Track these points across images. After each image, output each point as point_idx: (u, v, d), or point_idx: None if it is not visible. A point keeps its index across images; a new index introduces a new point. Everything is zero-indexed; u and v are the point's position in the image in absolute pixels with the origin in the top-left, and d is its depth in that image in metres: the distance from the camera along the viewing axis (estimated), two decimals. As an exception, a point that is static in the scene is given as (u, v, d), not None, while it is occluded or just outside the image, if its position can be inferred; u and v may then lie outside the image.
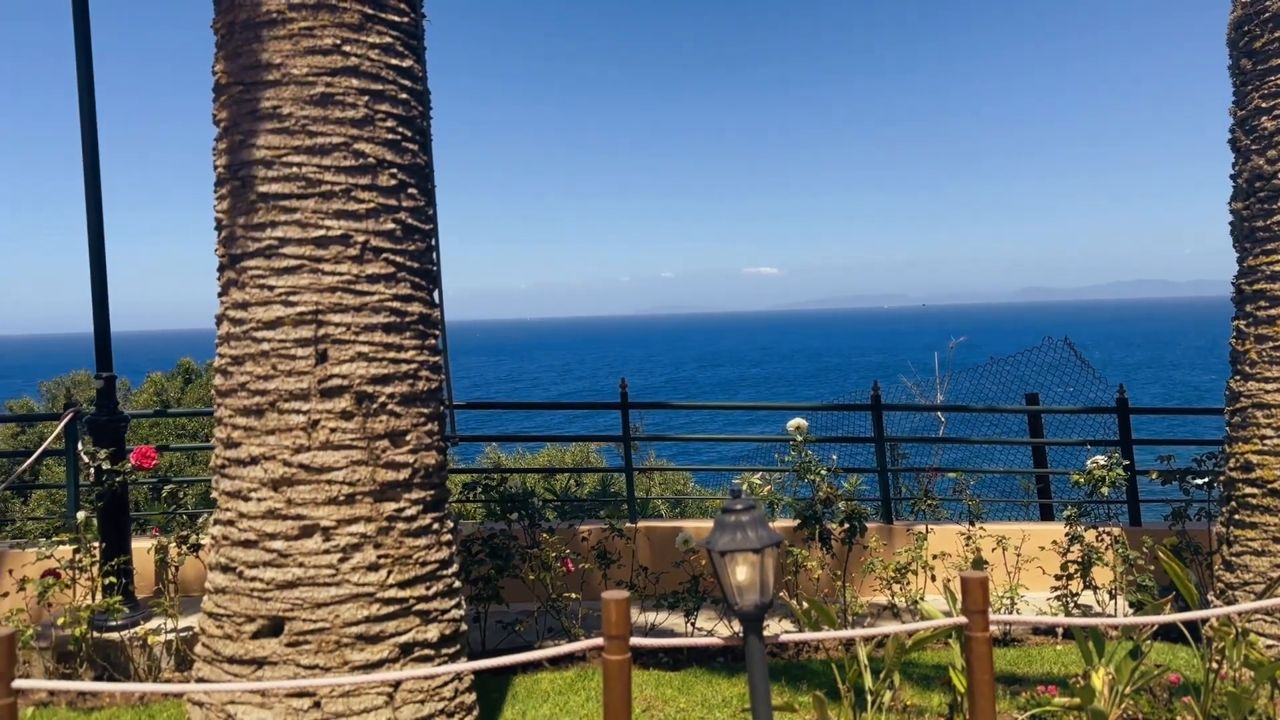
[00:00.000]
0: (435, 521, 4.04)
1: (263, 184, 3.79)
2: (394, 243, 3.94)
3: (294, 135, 3.78)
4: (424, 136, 4.15)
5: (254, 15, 3.80)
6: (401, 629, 3.79)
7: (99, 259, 6.18)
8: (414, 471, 3.93)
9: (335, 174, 3.81)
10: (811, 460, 5.89)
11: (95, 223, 6.14)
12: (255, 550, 3.72)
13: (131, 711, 5.12)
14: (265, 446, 3.74)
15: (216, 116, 3.94)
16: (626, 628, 2.87)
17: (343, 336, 3.79)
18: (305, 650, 3.64)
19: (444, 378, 4.25)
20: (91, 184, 6.10)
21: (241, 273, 3.82)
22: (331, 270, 3.79)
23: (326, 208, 3.80)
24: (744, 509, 2.90)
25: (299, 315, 3.76)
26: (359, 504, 3.77)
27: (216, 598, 3.80)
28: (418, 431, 3.97)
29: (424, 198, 4.13)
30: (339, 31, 3.81)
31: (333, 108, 3.81)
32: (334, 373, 3.77)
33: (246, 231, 3.81)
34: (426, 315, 4.10)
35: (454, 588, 4.10)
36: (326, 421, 3.75)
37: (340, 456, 3.76)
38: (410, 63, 4.05)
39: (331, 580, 3.69)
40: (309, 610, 3.66)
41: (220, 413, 3.90)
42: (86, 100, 6.05)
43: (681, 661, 5.48)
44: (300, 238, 3.77)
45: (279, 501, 3.72)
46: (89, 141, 6.06)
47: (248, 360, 3.79)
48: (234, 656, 3.68)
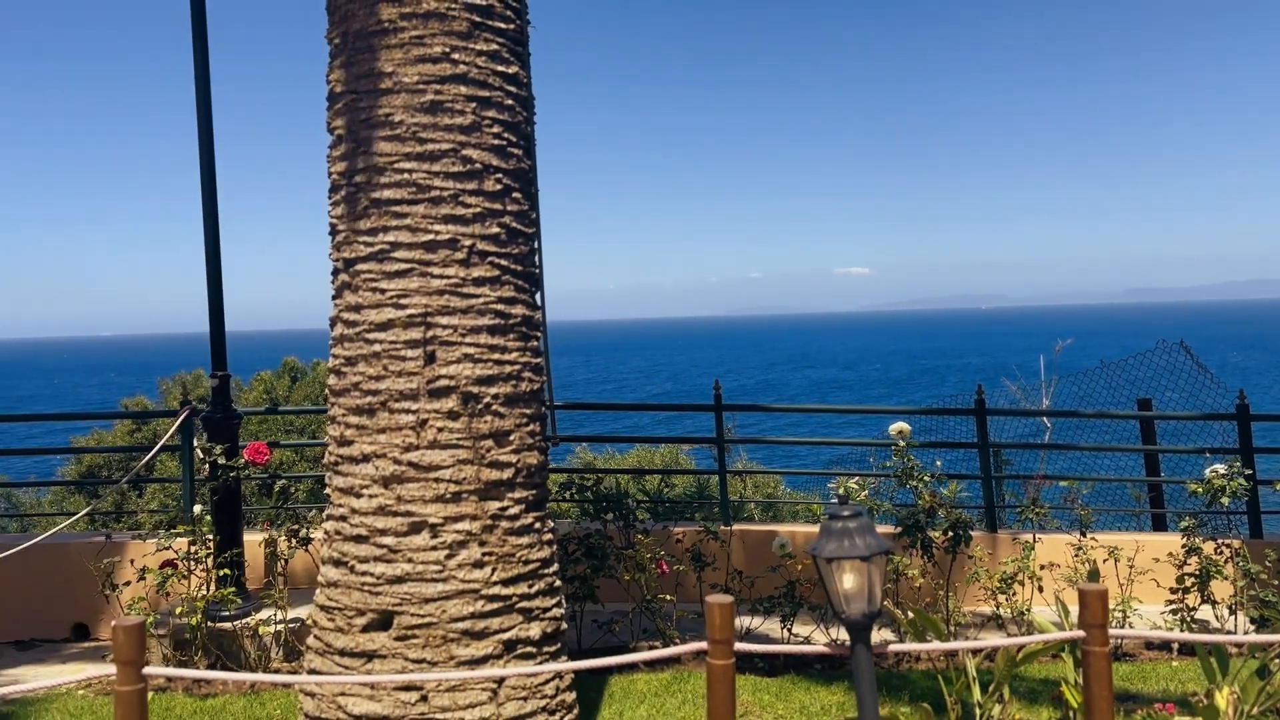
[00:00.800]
0: (537, 520, 4.10)
1: (375, 190, 3.90)
2: (499, 246, 4.01)
3: (405, 142, 3.87)
4: (528, 141, 4.21)
5: (367, 25, 3.92)
6: (505, 626, 3.85)
7: (214, 263, 6.43)
8: (517, 471, 3.99)
9: (444, 180, 3.89)
10: (914, 466, 5.77)
11: (211, 228, 6.39)
12: (366, 545, 3.83)
13: (244, 699, 5.32)
14: (376, 445, 3.85)
15: (331, 125, 4.07)
16: (731, 632, 2.86)
17: (450, 338, 3.87)
18: (413, 644, 3.72)
19: (545, 379, 4.31)
20: (208, 189, 6.35)
21: (355, 276, 3.94)
22: (440, 274, 3.88)
23: (435, 212, 3.88)
24: (851, 516, 2.86)
25: (409, 318, 3.85)
26: (465, 502, 3.84)
27: (329, 591, 3.92)
28: (520, 432, 4.03)
29: (527, 201, 4.19)
30: (448, 39, 3.89)
31: (442, 115, 3.89)
32: (441, 373, 3.85)
33: (359, 236, 3.93)
34: (529, 317, 4.16)
35: (555, 586, 4.15)
36: (434, 421, 3.83)
37: (447, 455, 3.84)
38: (516, 69, 4.11)
39: (439, 576, 3.77)
40: (417, 605, 3.75)
41: (334, 411, 4.03)
42: (204, 111, 6.30)
43: (778, 668, 5.43)
44: (410, 242, 3.87)
45: (389, 498, 3.82)
46: (205, 149, 6.31)
47: (360, 361, 3.91)
48: (345, 649, 3.79)
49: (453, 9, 3.88)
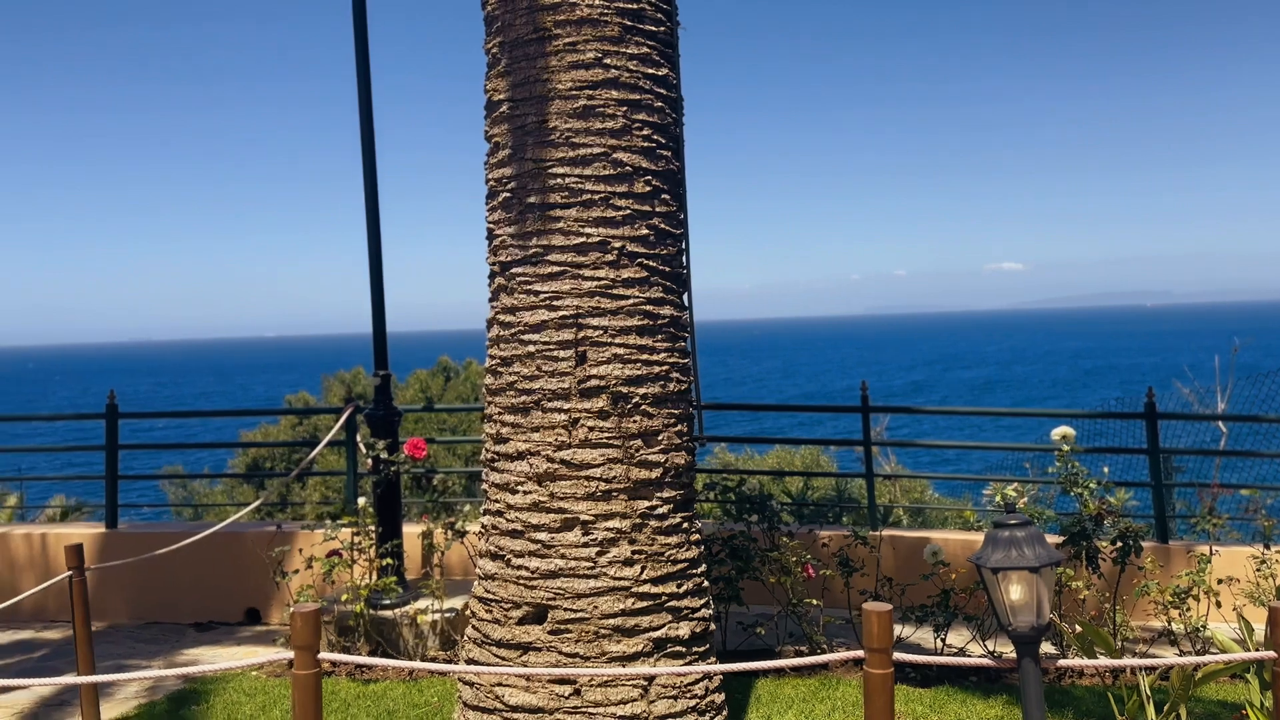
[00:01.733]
0: (685, 520, 4.11)
1: (530, 195, 3.99)
2: (648, 247, 4.04)
3: (558, 147, 3.96)
4: (677, 143, 4.23)
5: (523, 35, 4.02)
6: (655, 624, 3.88)
7: (376, 267, 6.73)
8: (665, 471, 4.01)
9: (595, 183, 3.96)
10: (1079, 472, 5.50)
11: (373, 234, 6.69)
12: (521, 540, 3.93)
13: (403, 685, 5.55)
14: (531, 442, 3.94)
15: (488, 133, 4.20)
16: (890, 640, 2.79)
17: (600, 339, 3.93)
18: (566, 639, 3.80)
19: (692, 379, 4.31)
20: (370, 196, 6.66)
21: (511, 279, 4.05)
22: (591, 275, 3.94)
23: (587, 215, 3.95)
24: (1019, 525, 2.74)
25: (561, 319, 3.94)
26: (615, 500, 3.89)
27: (486, 583, 4.05)
28: (669, 432, 4.05)
29: (676, 203, 4.21)
30: (600, 45, 3.95)
31: (593, 119, 3.95)
32: (592, 373, 3.92)
33: (515, 240, 4.03)
34: (677, 318, 4.18)
35: (703, 587, 4.16)
36: (585, 420, 3.90)
37: (598, 454, 3.90)
38: (665, 71, 4.14)
39: (590, 573, 3.84)
40: (570, 600, 3.82)
41: (490, 409, 4.15)
42: (365, 117, 6.61)
43: (930, 678, 5.27)
44: (563, 245, 3.95)
45: (543, 495, 3.91)
46: (368, 155, 6.62)
47: (515, 361, 4.01)
48: (502, 640, 3.90)
49: (605, 14, 3.94)
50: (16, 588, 7.34)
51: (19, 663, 6.40)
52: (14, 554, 7.42)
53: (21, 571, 7.40)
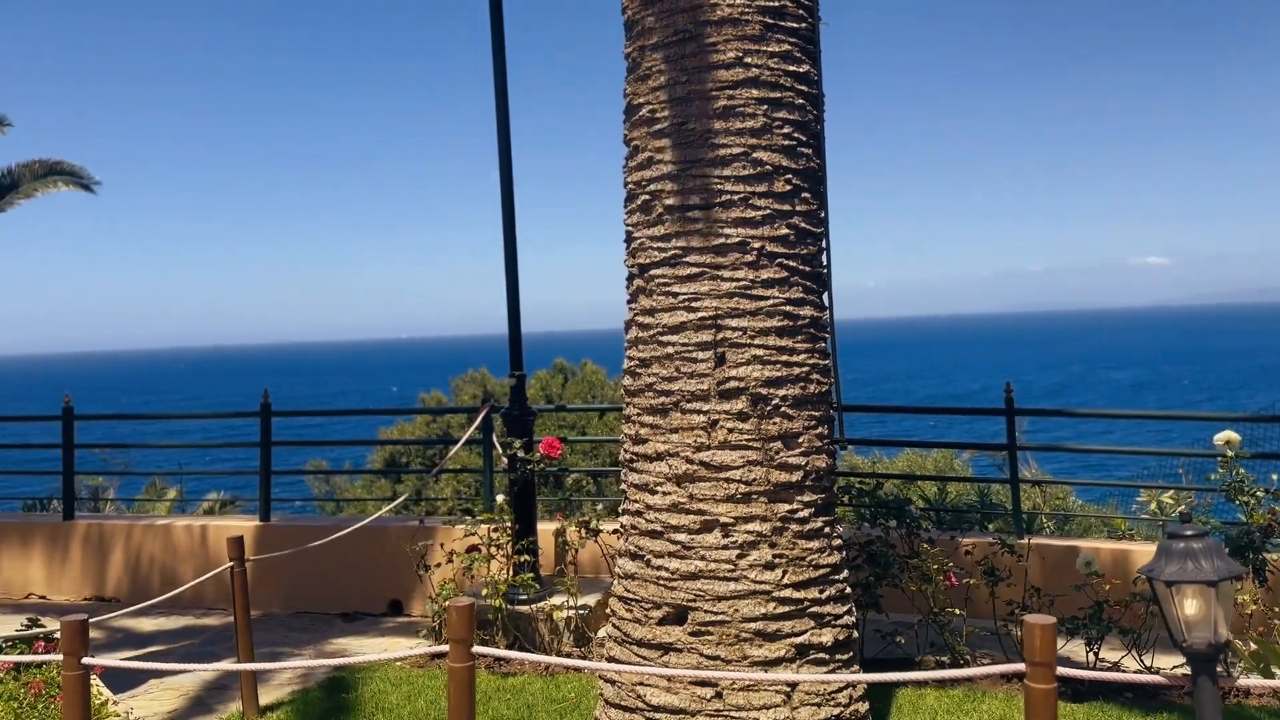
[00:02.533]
0: (826, 525, 4.05)
1: (668, 196, 4.00)
2: (787, 247, 3.99)
3: (697, 149, 3.95)
4: (818, 140, 4.17)
5: (662, 38, 4.03)
6: (797, 630, 3.83)
7: (512, 271, 6.87)
8: (805, 474, 3.96)
9: (734, 183, 3.93)
10: (1245, 479, 5.16)
11: (509, 238, 6.84)
12: (661, 541, 3.94)
13: (540, 680, 5.64)
14: (669, 444, 3.95)
15: (627, 137, 4.23)
16: (1053, 654, 2.67)
17: (739, 340, 3.91)
18: (707, 641, 3.79)
19: (833, 381, 4.24)
20: (506, 200, 6.81)
21: (649, 281, 4.07)
22: (729, 276, 3.92)
23: (726, 216, 3.93)
24: (1195, 536, 2.58)
25: (700, 320, 3.93)
26: (754, 503, 3.86)
27: (626, 583, 4.08)
28: (809, 434, 3.99)
29: (816, 201, 4.15)
30: (740, 44, 3.93)
31: (733, 119, 3.93)
32: (731, 375, 3.89)
33: (653, 242, 4.05)
34: (817, 318, 4.12)
35: (845, 593, 4.08)
36: (724, 422, 3.88)
37: (737, 456, 3.87)
38: (807, 68, 4.08)
39: (730, 575, 3.82)
40: (710, 602, 3.81)
41: (628, 410, 4.18)
42: (502, 123, 6.76)
43: (1082, 693, 5.03)
44: (701, 246, 3.94)
45: (682, 496, 3.91)
46: (504, 160, 6.77)
47: (654, 363, 4.03)
48: (642, 640, 3.92)
49: (746, 13, 3.92)
50: (178, 575, 7.83)
51: (183, 647, 6.81)
52: (176, 544, 7.91)
53: (183, 560, 7.87)
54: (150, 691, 5.81)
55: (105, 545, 8.00)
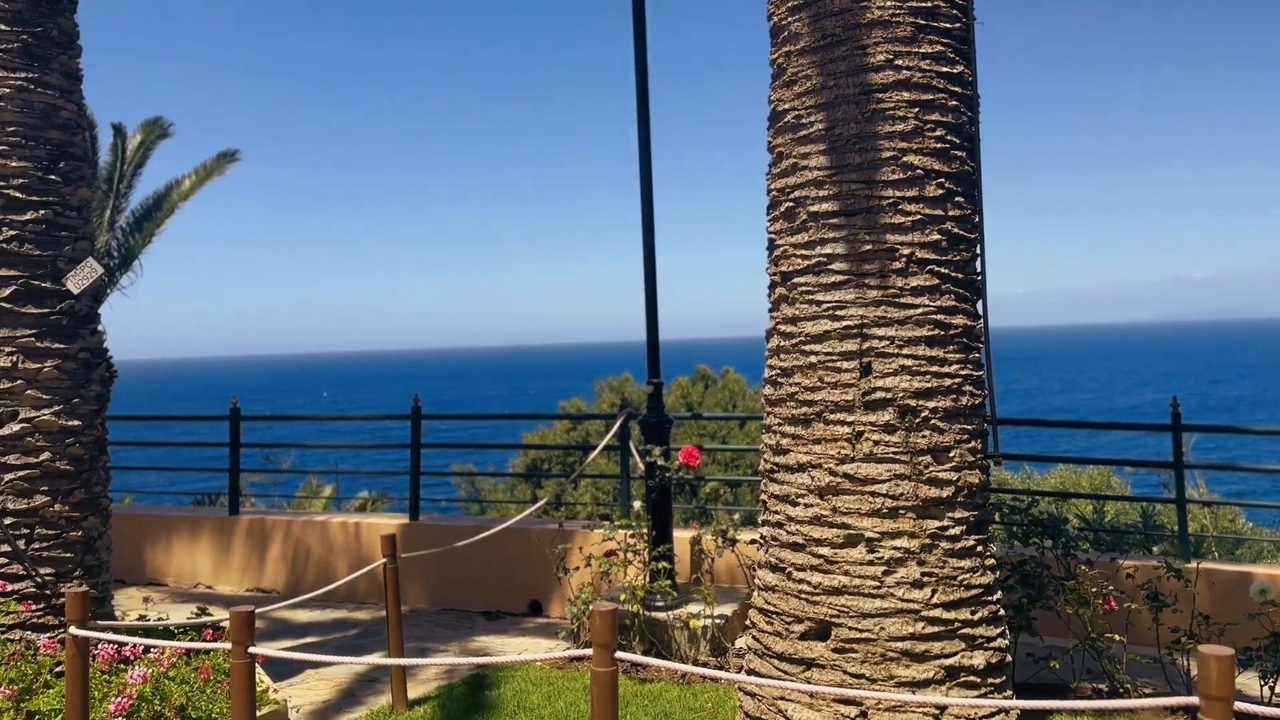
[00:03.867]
0: (979, 544, 3.89)
1: (813, 203, 3.94)
2: (939, 254, 3.87)
3: (843, 154, 3.88)
4: (972, 143, 4.03)
5: (809, 42, 3.98)
6: (946, 651, 3.69)
7: (651, 280, 6.92)
8: (956, 490, 3.82)
9: (882, 188, 3.84)
10: None
11: (649, 246, 6.89)
12: (802, 554, 3.87)
13: (677, 688, 5.63)
14: (812, 455, 3.88)
15: (771, 143, 4.19)
16: (1231, 689, 2.48)
17: (886, 350, 3.80)
18: (851, 659, 3.70)
19: (987, 393, 4.08)
20: (646, 209, 6.86)
21: (792, 289, 4.01)
22: (876, 284, 3.82)
23: (873, 222, 3.84)
24: (1403, 567, 2.34)
25: (845, 329, 3.84)
26: (901, 518, 3.74)
27: (766, 595, 4.02)
28: (960, 448, 3.85)
29: (970, 206, 4.01)
30: (890, 47, 3.84)
31: (882, 123, 3.84)
32: (878, 385, 3.79)
33: (796, 250, 3.99)
34: (970, 328, 3.97)
35: (998, 615, 3.91)
36: (870, 434, 3.78)
37: (883, 469, 3.77)
38: (960, 69, 3.95)
39: (876, 592, 3.71)
40: (855, 619, 3.72)
41: (769, 420, 4.13)
42: (643, 130, 6.81)
43: (1260, 732, 4.66)
44: (847, 253, 3.86)
45: (825, 509, 3.83)
46: (644, 169, 6.83)
47: (796, 372, 3.97)
48: (783, 654, 3.86)
49: (897, 15, 3.82)
50: (333, 569, 8.21)
51: (335, 639, 7.12)
52: (332, 539, 8.29)
53: (338, 555, 8.25)
54: (306, 681, 6.10)
55: (266, 539, 8.47)
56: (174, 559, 8.74)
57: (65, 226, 5.10)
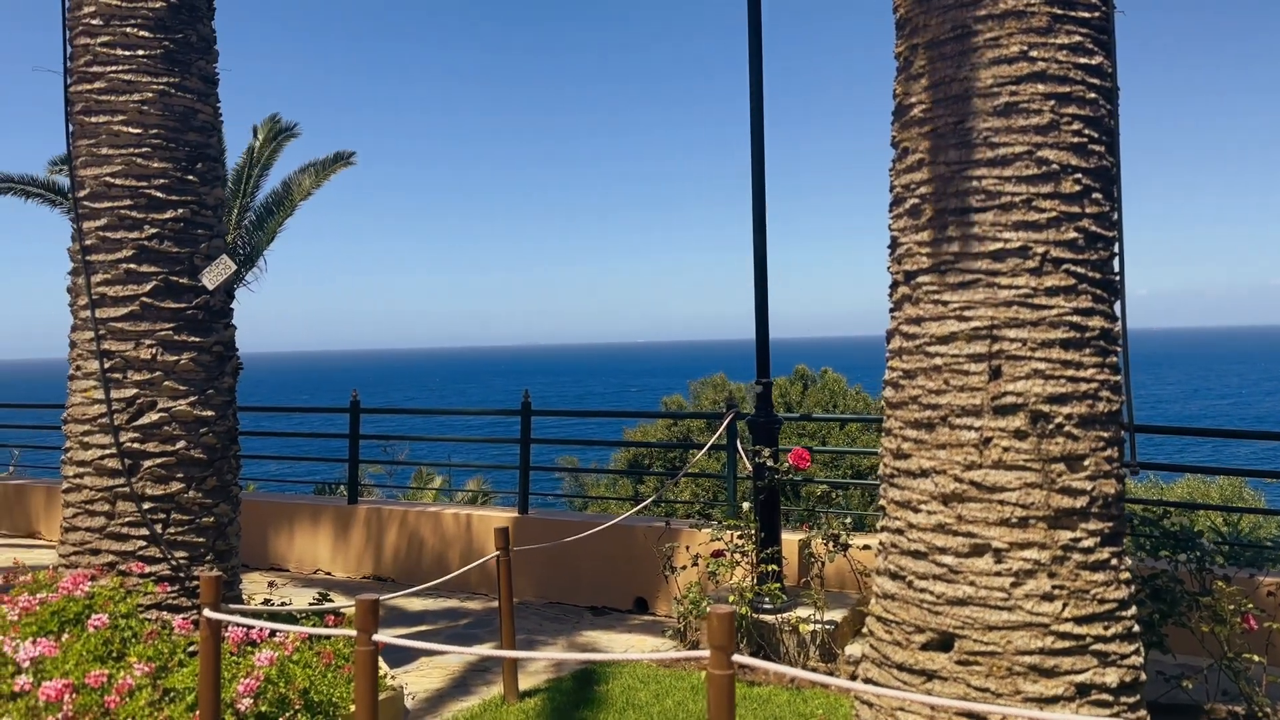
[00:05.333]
0: (1113, 556, 3.71)
1: (940, 200, 3.82)
2: (1074, 253, 3.70)
3: (974, 149, 3.74)
4: (1111, 136, 3.84)
5: (938, 34, 3.85)
6: (1077, 667, 3.53)
7: (761, 279, 6.84)
8: (1091, 500, 3.65)
9: (1015, 184, 3.69)
10: None
11: (759, 244, 6.81)
12: (924, 562, 3.76)
13: (786, 693, 5.56)
14: (935, 461, 3.76)
15: (896, 138, 4.08)
16: None
17: (1018, 352, 3.66)
18: (976, 671, 3.57)
19: (1124, 398, 3.88)
20: (757, 203, 6.78)
21: (915, 289, 3.90)
22: (1008, 284, 3.68)
23: (1004, 219, 3.70)
24: None
25: (973, 330, 3.71)
26: (1031, 529, 3.60)
27: (885, 603, 3.92)
28: (1096, 456, 3.68)
29: (1108, 203, 3.82)
30: (1025, 38, 3.69)
31: (1015, 116, 3.69)
32: (1008, 390, 3.65)
33: (921, 248, 3.88)
34: (1107, 330, 3.79)
35: (1132, 631, 3.73)
36: (999, 440, 3.65)
37: (1013, 477, 3.63)
38: (1099, 59, 3.77)
39: (1003, 604, 3.58)
40: (979, 631, 3.59)
41: (889, 424, 4.02)
42: (756, 129, 6.74)
43: None
44: (976, 252, 3.72)
45: (949, 517, 3.71)
46: (756, 162, 6.75)
47: (919, 374, 3.85)
48: (903, 664, 3.76)
49: (1031, 5, 3.67)
50: (446, 559, 8.39)
51: (447, 628, 7.27)
52: (444, 530, 8.48)
53: (450, 545, 8.43)
54: (420, 669, 6.25)
55: (382, 528, 8.72)
56: (295, 545, 9.07)
57: (202, 225, 5.33)
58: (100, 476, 5.06)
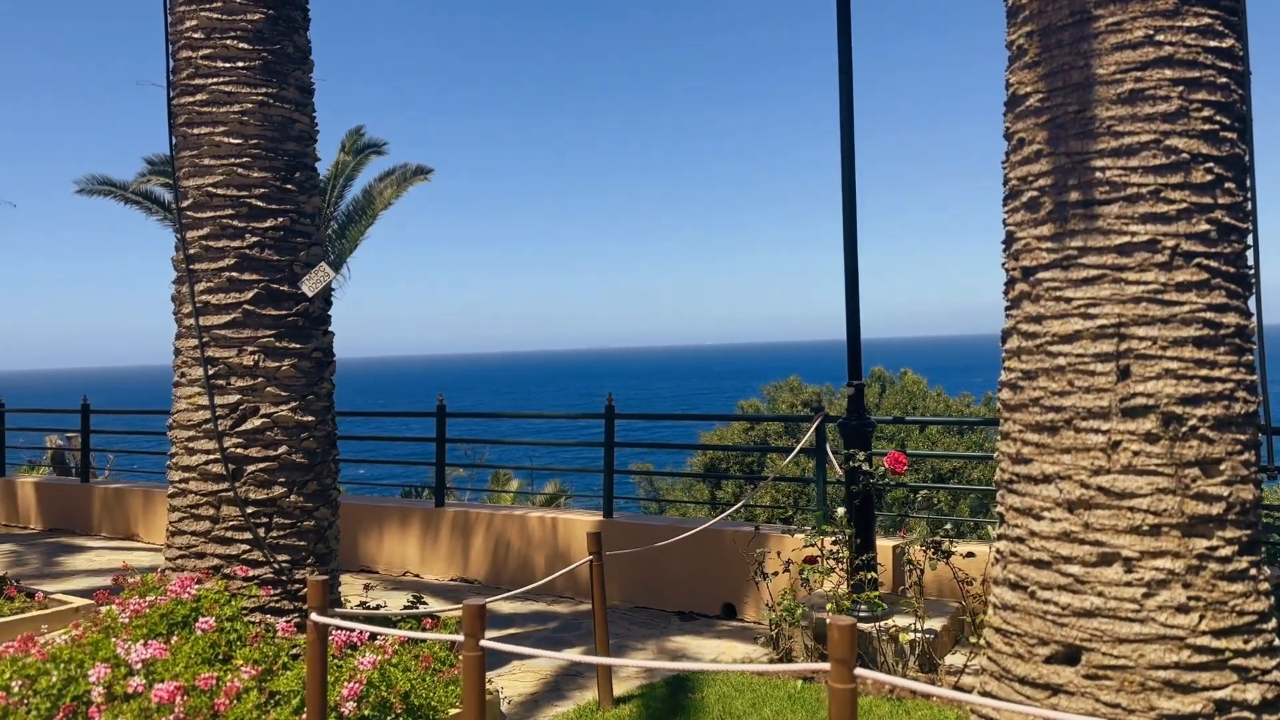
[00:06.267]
0: (1251, 566, 3.51)
1: (1061, 192, 3.66)
2: (1206, 246, 3.51)
3: (1097, 139, 3.58)
4: (1243, 123, 3.64)
5: (1055, 20, 3.70)
6: (1215, 683, 3.34)
7: (853, 280, 6.69)
8: (1228, 506, 3.45)
9: (1141, 175, 3.52)
10: None
11: (850, 244, 6.67)
12: (1048, 572, 3.60)
13: (888, 704, 5.41)
14: (1059, 465, 3.60)
15: (1010, 129, 3.92)
16: None
17: (1147, 351, 3.48)
18: (1106, 686, 3.41)
19: (1260, 399, 3.67)
20: (848, 203, 6.64)
21: (1035, 286, 3.74)
22: (1135, 279, 3.51)
23: (1131, 212, 3.52)
24: None
25: (1098, 329, 3.55)
26: (1164, 537, 3.42)
27: (1004, 614, 3.77)
28: (1232, 461, 3.48)
29: (1241, 193, 3.62)
30: (1150, 21, 3.51)
31: (1141, 104, 3.52)
32: (1137, 391, 3.48)
33: (1041, 243, 3.72)
34: (1242, 327, 3.58)
35: (1273, 645, 3.51)
36: (1128, 443, 3.47)
37: (1143, 482, 3.45)
38: (1229, 42, 3.57)
39: (1134, 616, 3.40)
40: (1109, 644, 3.42)
41: (1007, 427, 3.87)
42: (846, 126, 6.61)
43: None
44: (1101, 246, 3.56)
45: (1074, 524, 3.54)
46: (847, 163, 6.62)
47: (1040, 375, 3.69)
48: (1025, 677, 3.60)
49: (1160, -14, 3.49)
50: (532, 562, 8.40)
51: (536, 632, 7.27)
52: (530, 533, 8.49)
53: (536, 549, 8.44)
54: (513, 672, 6.24)
55: (469, 531, 8.77)
56: (385, 547, 9.18)
57: (300, 233, 5.40)
58: (205, 481, 5.15)
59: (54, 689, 4.41)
